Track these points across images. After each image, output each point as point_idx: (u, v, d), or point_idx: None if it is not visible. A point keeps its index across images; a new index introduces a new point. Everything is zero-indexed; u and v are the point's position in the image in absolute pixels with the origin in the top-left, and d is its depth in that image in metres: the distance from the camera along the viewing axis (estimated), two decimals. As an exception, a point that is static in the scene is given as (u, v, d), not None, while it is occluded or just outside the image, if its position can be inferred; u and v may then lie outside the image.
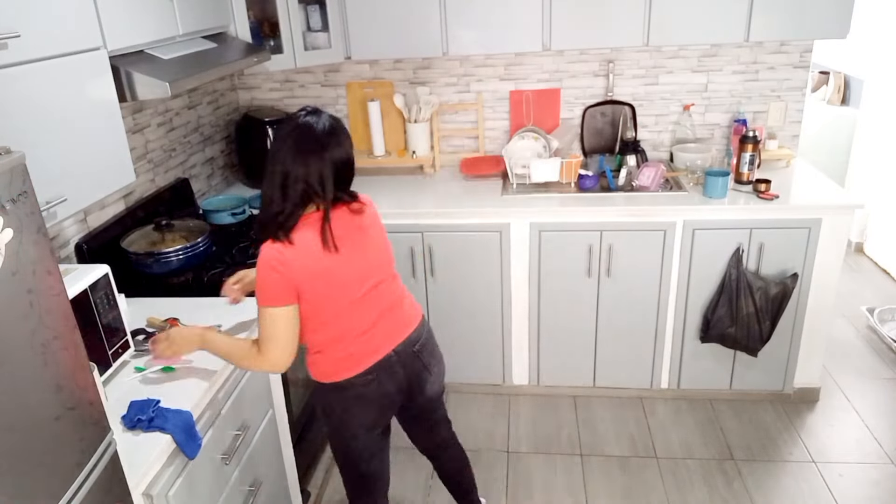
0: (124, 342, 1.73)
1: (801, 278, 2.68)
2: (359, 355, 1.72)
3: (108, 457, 1.21)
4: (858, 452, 2.65)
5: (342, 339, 1.69)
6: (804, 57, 3.00)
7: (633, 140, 3.04)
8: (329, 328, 1.68)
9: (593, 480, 2.57)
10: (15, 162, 1.01)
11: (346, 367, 1.71)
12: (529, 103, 3.16)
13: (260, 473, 1.95)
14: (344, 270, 1.64)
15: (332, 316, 1.67)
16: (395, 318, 1.79)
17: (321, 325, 1.67)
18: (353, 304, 1.68)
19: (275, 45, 2.75)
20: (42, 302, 1.05)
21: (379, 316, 1.74)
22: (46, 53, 1.48)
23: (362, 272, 1.69)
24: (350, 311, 1.68)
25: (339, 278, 1.64)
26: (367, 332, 1.72)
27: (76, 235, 2.12)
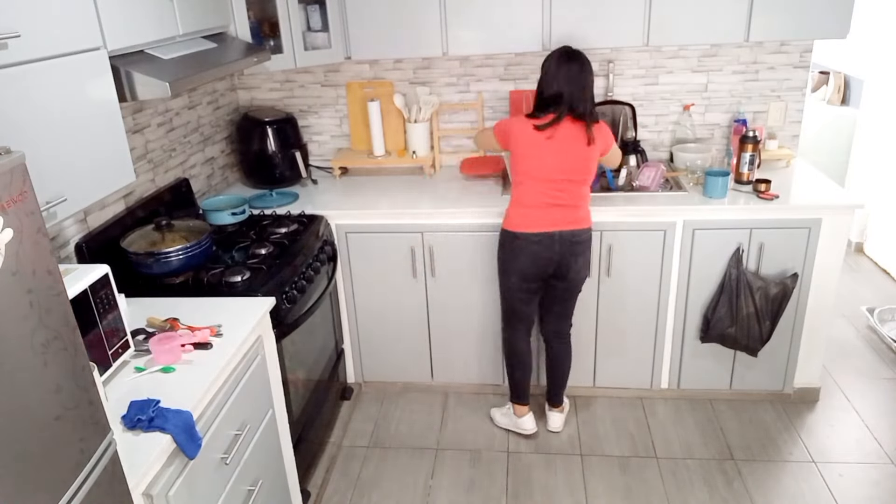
0: (124, 342, 1.73)
1: (801, 278, 2.68)
2: (534, 219, 2.42)
3: (108, 457, 1.21)
4: (858, 452, 2.65)
5: (525, 202, 2.43)
6: (804, 57, 3.00)
7: (633, 140, 3.04)
8: (522, 188, 2.43)
9: (593, 480, 2.57)
10: (15, 162, 1.01)
11: (523, 224, 2.44)
12: (529, 103, 3.16)
13: (260, 473, 1.95)
14: (547, 155, 2.36)
15: (523, 181, 2.42)
16: (569, 212, 2.43)
17: (518, 182, 2.44)
18: (545, 182, 2.38)
19: (275, 45, 2.75)
20: (42, 302, 1.05)
21: (559, 203, 2.40)
22: (46, 53, 1.48)
23: (560, 166, 2.37)
24: (541, 185, 2.39)
25: (540, 161, 2.37)
26: (547, 208, 2.40)
27: (76, 235, 2.12)
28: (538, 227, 2.42)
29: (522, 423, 2.80)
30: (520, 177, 2.43)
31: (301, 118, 3.30)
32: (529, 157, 2.38)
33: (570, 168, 2.38)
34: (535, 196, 2.41)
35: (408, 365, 3.07)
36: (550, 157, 2.36)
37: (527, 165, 2.39)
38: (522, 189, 2.43)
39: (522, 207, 2.44)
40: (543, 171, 2.38)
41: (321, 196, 3.02)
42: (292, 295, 2.27)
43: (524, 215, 2.43)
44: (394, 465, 2.71)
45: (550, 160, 2.36)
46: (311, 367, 2.58)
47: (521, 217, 2.44)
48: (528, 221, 2.43)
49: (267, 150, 3.07)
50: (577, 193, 2.43)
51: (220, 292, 2.16)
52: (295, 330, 2.29)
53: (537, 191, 2.40)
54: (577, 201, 2.43)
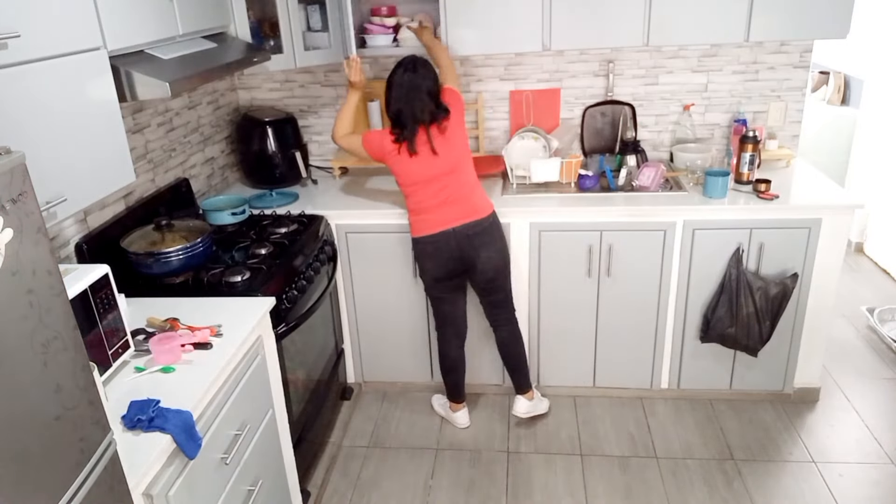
0: (124, 342, 1.73)
1: (801, 278, 2.68)
2: (430, 222, 2.50)
3: (108, 457, 1.21)
4: (858, 452, 2.65)
5: (419, 209, 2.51)
6: (804, 57, 3.00)
7: (633, 140, 3.04)
8: (413, 196, 2.52)
9: (593, 480, 2.57)
10: (15, 162, 1.01)
11: (421, 228, 2.53)
12: (529, 103, 3.16)
13: (260, 473, 1.95)
14: (415, 167, 2.45)
15: (411, 192, 2.51)
16: (461, 207, 2.49)
17: (408, 193, 2.52)
18: (428, 183, 2.47)
19: (275, 45, 2.75)
20: (42, 302, 1.05)
21: (448, 199, 2.48)
22: (46, 53, 1.48)
23: (433, 164, 2.45)
24: (426, 187, 2.47)
25: (412, 170, 2.47)
26: (439, 208, 2.48)
27: (76, 235, 2.12)
28: (434, 229, 2.50)
29: (456, 417, 2.90)
30: (406, 187, 2.52)
31: (301, 118, 3.30)
32: (404, 165, 2.46)
33: (443, 162, 2.45)
34: (425, 199, 2.49)
35: (408, 365, 3.08)
36: (420, 161, 2.45)
37: (406, 175, 2.48)
38: (413, 197, 2.52)
39: (418, 214, 2.53)
40: (422, 174, 2.46)
41: (321, 196, 3.02)
42: (292, 295, 2.27)
43: (421, 220, 2.53)
44: (394, 465, 2.71)
45: (422, 163, 2.45)
46: (311, 367, 2.58)
47: (419, 223, 2.54)
48: (425, 225, 2.52)
49: (267, 150, 3.07)
50: (463, 182, 2.50)
51: (220, 292, 2.17)
52: (295, 330, 2.29)
53: (425, 194, 2.49)
54: (465, 191, 2.50)
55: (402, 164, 2.47)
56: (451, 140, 2.47)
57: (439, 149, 2.44)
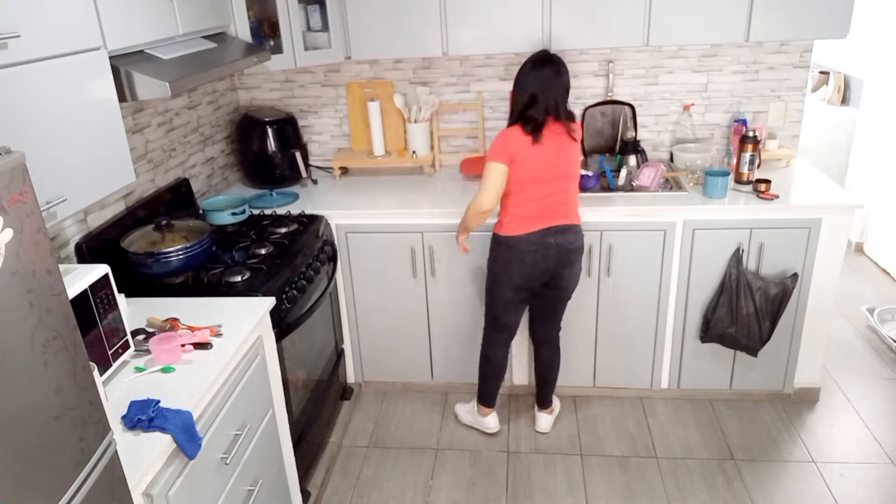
0: (124, 342, 1.73)
1: (801, 278, 2.68)
2: (530, 220, 2.38)
3: (108, 457, 1.21)
4: (858, 452, 2.65)
5: (521, 206, 2.38)
6: (804, 57, 3.00)
7: (633, 140, 3.04)
8: (517, 195, 2.37)
9: (593, 480, 2.57)
10: (15, 162, 1.01)
11: (519, 227, 2.40)
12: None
13: (260, 473, 1.95)
14: (541, 159, 2.33)
15: (522, 187, 2.35)
16: (562, 215, 2.41)
17: (512, 191, 2.37)
18: (539, 185, 2.35)
19: (275, 45, 2.75)
20: (42, 302, 1.05)
21: (553, 205, 2.38)
22: (46, 53, 1.48)
23: (552, 167, 2.35)
24: (535, 189, 2.35)
25: (535, 163, 2.33)
26: (541, 212, 2.38)
27: (76, 235, 2.12)
28: (533, 228, 2.40)
29: (486, 421, 2.83)
30: (515, 185, 2.37)
31: (301, 118, 3.30)
32: (527, 163, 2.33)
33: (562, 167, 2.38)
34: (530, 200, 2.38)
35: (408, 365, 3.07)
36: (543, 160, 2.34)
37: (524, 173, 2.34)
38: (517, 196, 2.39)
39: (518, 210, 2.41)
40: (539, 174, 2.35)
41: (321, 196, 3.02)
42: (292, 295, 2.27)
43: (519, 218, 2.40)
44: (394, 465, 2.71)
45: (544, 163, 2.34)
46: (311, 367, 2.58)
47: (516, 220, 2.41)
48: (523, 223, 2.40)
49: (267, 150, 3.07)
50: (570, 190, 2.43)
51: (220, 292, 2.16)
52: (295, 330, 2.29)
53: (532, 195, 2.37)
54: (568, 199, 2.43)
55: (527, 156, 2.31)
56: (575, 151, 2.40)
57: (564, 151, 2.35)
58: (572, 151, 2.39)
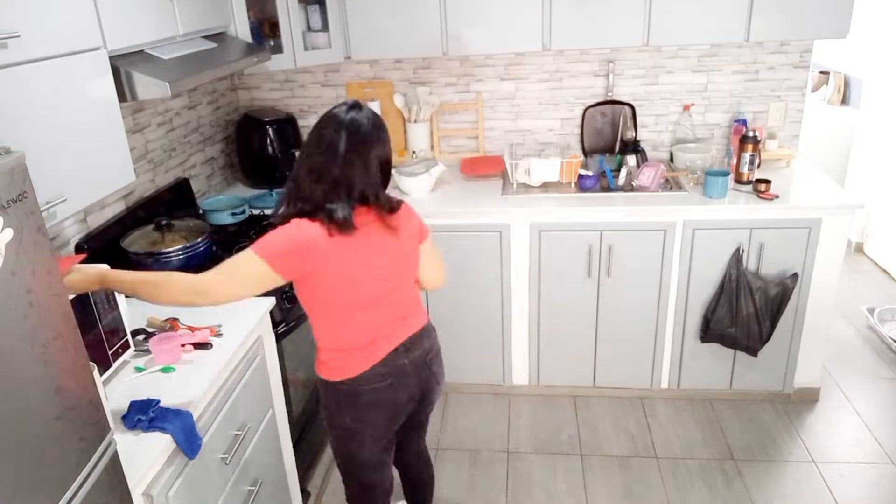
0: (124, 342, 1.73)
1: (801, 278, 2.68)
2: (374, 351, 1.68)
3: (108, 457, 1.21)
4: (858, 452, 2.65)
5: (354, 337, 1.66)
6: (804, 57, 3.00)
7: (633, 140, 3.04)
8: (339, 322, 1.65)
9: (593, 480, 2.57)
10: (15, 162, 1.01)
11: (360, 363, 1.67)
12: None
13: (260, 473, 1.95)
14: (360, 267, 1.59)
15: (344, 309, 1.63)
16: (407, 326, 1.75)
17: (331, 316, 1.65)
18: (368, 305, 1.64)
19: (275, 45, 2.75)
20: (42, 302, 1.05)
21: (394, 320, 1.71)
22: (46, 53, 1.48)
23: (379, 275, 1.64)
24: (364, 309, 1.64)
25: (353, 271, 1.58)
26: (380, 337, 1.68)
27: (76, 235, 2.12)
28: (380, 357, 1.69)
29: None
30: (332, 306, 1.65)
31: (301, 118, 3.29)
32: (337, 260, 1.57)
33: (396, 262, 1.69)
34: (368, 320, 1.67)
35: (408, 365, 3.07)
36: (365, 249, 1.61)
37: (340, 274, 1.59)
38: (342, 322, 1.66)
39: (350, 345, 1.68)
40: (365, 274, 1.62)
41: (321, 196, 3.01)
42: (292, 295, 2.27)
43: (357, 353, 1.68)
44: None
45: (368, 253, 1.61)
46: (311, 367, 2.57)
47: (350, 359, 1.69)
48: (366, 359, 1.68)
49: (267, 150, 3.07)
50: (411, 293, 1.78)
51: (220, 292, 2.16)
52: (295, 330, 2.28)
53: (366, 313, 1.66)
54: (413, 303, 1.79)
55: (336, 259, 1.55)
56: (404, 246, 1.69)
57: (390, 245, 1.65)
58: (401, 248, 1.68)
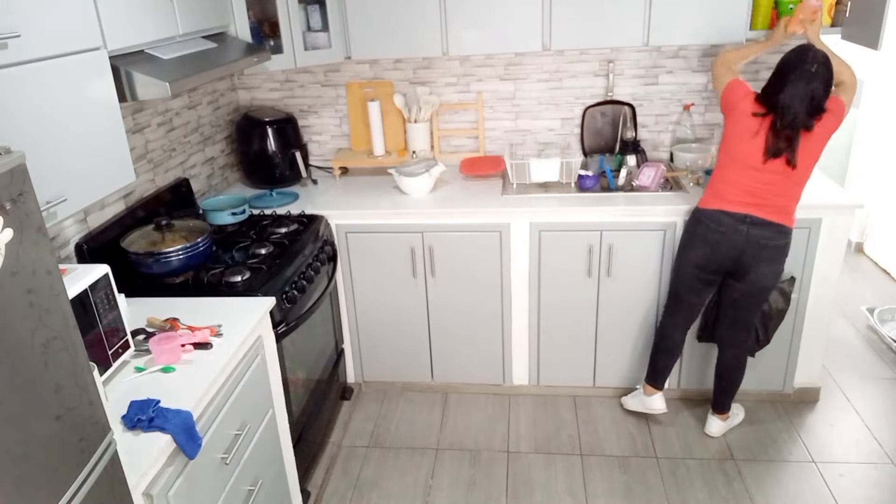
0: (124, 342, 1.73)
1: (801, 278, 2.68)
2: (725, 196, 2.34)
3: (108, 457, 1.21)
4: (858, 452, 2.65)
5: (721, 181, 2.37)
6: (804, 57, 2.99)
7: (633, 140, 3.04)
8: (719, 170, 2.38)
9: (593, 480, 2.57)
10: (15, 162, 1.01)
11: (708, 200, 2.40)
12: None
13: (260, 473, 1.95)
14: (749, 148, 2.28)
15: (726, 163, 2.35)
16: (766, 206, 2.31)
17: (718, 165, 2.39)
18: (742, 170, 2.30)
19: (275, 45, 2.75)
20: (42, 302, 1.05)
21: (754, 192, 2.30)
22: (46, 53, 1.48)
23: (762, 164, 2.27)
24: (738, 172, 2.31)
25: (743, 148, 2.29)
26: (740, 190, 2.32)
27: (76, 235, 2.12)
28: (726, 206, 2.33)
29: (651, 401, 2.77)
30: (725, 156, 2.36)
31: (301, 118, 3.30)
32: (742, 136, 2.29)
33: (780, 167, 2.27)
34: (734, 178, 2.32)
35: (408, 365, 3.07)
36: (759, 149, 2.26)
37: (736, 145, 2.31)
38: (724, 169, 2.35)
39: (716, 184, 2.38)
40: (749, 160, 2.29)
41: (321, 196, 3.02)
42: (292, 295, 2.27)
43: (716, 191, 2.37)
44: (394, 465, 2.71)
45: (759, 153, 2.27)
46: (311, 367, 2.58)
47: (711, 193, 2.39)
48: (717, 198, 2.36)
49: (267, 150, 3.07)
50: (785, 189, 2.30)
51: (220, 292, 2.17)
52: (295, 330, 2.28)
53: (739, 175, 2.30)
54: (782, 199, 2.32)
55: (742, 133, 2.28)
56: (805, 151, 2.26)
57: (789, 156, 2.24)
58: (801, 154, 2.26)
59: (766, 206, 2.31)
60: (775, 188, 2.29)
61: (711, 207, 2.37)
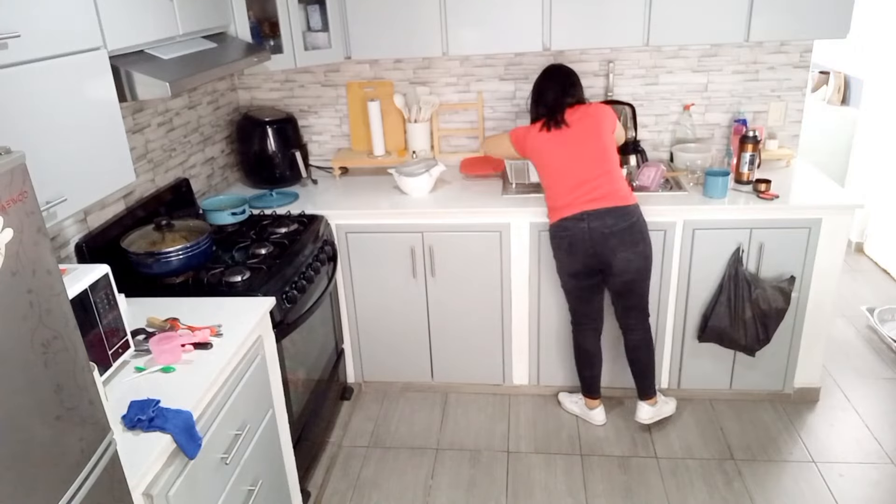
0: (124, 342, 1.73)
1: (801, 278, 2.68)
2: (562, 205, 2.50)
3: (108, 457, 1.21)
4: (858, 452, 2.65)
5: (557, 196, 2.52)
6: (804, 57, 3.00)
7: (633, 140, 3.04)
8: (549, 191, 2.57)
9: (593, 480, 2.57)
10: (15, 162, 1.01)
11: (554, 215, 2.54)
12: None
13: (260, 473, 1.95)
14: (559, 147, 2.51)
15: (551, 182, 2.55)
16: (595, 201, 2.45)
17: (546, 189, 2.58)
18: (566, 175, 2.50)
19: (275, 45, 2.75)
20: (42, 302, 1.05)
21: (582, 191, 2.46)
22: (46, 53, 1.48)
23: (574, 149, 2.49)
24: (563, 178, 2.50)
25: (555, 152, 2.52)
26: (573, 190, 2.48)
27: (76, 235, 2.12)
28: (566, 213, 2.49)
29: (593, 415, 2.86)
30: (547, 177, 2.56)
31: (301, 118, 3.30)
32: (548, 146, 2.52)
33: (591, 157, 2.49)
34: (564, 184, 2.51)
35: (408, 365, 3.07)
36: (564, 138, 2.50)
37: (549, 156, 2.53)
38: (552, 188, 2.55)
39: (555, 201, 2.55)
40: (564, 156, 2.50)
41: (321, 196, 3.02)
42: (292, 295, 2.27)
43: (557, 208, 2.53)
44: (394, 465, 2.71)
45: (566, 142, 2.50)
46: (311, 367, 2.58)
47: (554, 211, 2.55)
48: (559, 211, 2.53)
49: (267, 150, 3.07)
50: (605, 171, 2.49)
51: (220, 292, 2.16)
52: (295, 330, 2.29)
53: (565, 180, 2.50)
54: (606, 182, 2.48)
55: (548, 154, 2.52)
56: (587, 132, 2.49)
57: (582, 129, 2.49)
58: (592, 130, 2.50)
59: (595, 199, 2.46)
60: (593, 178, 2.46)
61: (555, 220, 2.54)
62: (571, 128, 2.49)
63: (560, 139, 2.50)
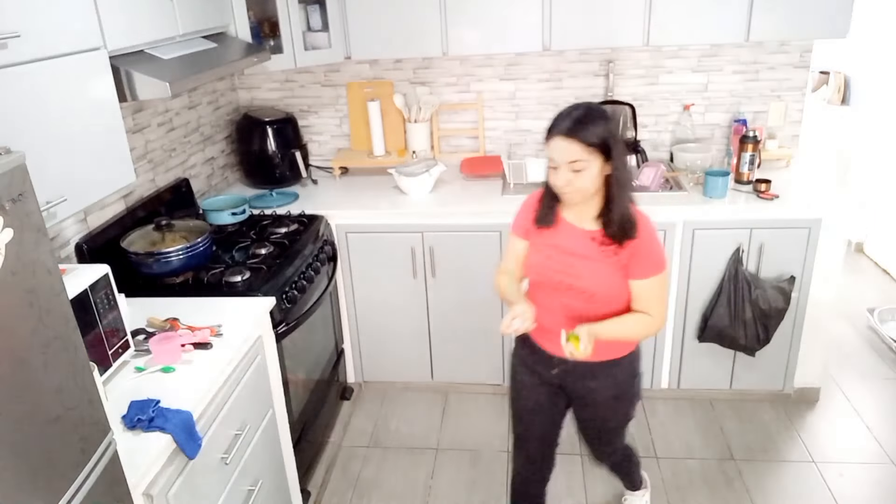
0: (124, 342, 1.73)
1: (801, 278, 2.68)
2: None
3: (108, 457, 1.21)
4: (858, 452, 2.65)
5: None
6: (804, 57, 3.00)
7: (633, 140, 3.04)
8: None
9: (593, 480, 2.57)
10: (15, 162, 1.01)
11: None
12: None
13: (260, 473, 1.95)
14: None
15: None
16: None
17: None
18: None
19: (275, 45, 2.75)
20: (42, 302, 1.05)
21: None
22: (46, 53, 1.48)
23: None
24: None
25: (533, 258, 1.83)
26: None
27: (76, 235, 2.12)
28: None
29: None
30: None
31: (301, 118, 3.30)
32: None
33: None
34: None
35: (408, 365, 3.07)
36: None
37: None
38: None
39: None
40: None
41: (321, 196, 3.01)
42: (292, 295, 2.27)
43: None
44: (394, 465, 2.71)
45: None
46: (311, 367, 2.58)
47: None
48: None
49: (267, 150, 3.07)
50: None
51: (220, 292, 2.16)
52: (295, 330, 2.28)
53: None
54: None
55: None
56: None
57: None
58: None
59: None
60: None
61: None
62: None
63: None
